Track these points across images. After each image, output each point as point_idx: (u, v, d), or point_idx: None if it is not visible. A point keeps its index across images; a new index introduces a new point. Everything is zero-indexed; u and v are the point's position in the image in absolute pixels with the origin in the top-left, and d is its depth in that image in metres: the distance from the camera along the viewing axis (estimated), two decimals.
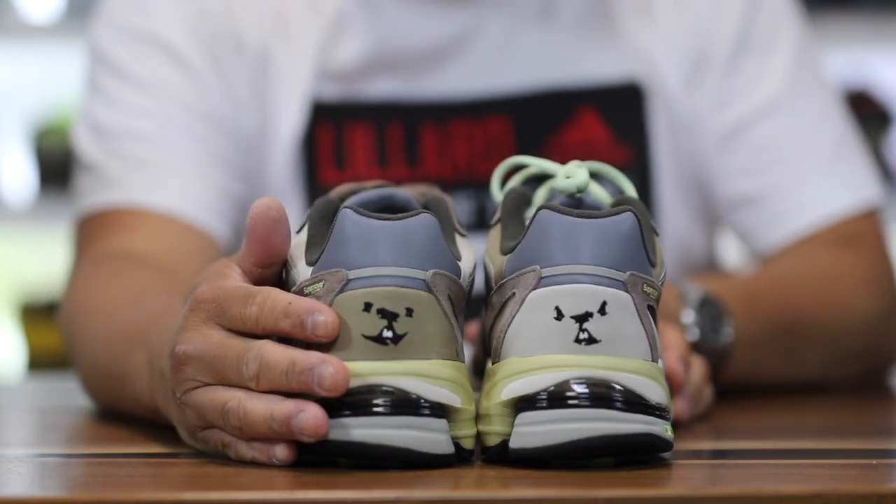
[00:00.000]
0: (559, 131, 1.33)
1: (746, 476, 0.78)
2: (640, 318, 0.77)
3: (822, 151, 1.35)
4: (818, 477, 0.80)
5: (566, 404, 0.75)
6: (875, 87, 3.14)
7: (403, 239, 0.76)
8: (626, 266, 0.77)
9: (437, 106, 1.32)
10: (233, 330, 0.78)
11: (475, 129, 1.32)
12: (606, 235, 0.77)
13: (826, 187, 1.33)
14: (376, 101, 1.32)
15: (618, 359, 0.76)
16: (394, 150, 1.31)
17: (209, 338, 0.78)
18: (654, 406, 0.76)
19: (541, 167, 0.86)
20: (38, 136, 2.73)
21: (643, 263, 0.78)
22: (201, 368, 0.78)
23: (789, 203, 1.33)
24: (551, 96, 1.33)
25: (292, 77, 1.31)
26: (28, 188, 2.77)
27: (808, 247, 1.32)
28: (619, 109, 1.33)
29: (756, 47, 1.36)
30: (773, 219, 1.33)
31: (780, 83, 1.35)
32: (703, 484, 0.77)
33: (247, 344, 0.77)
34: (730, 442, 0.89)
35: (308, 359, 0.74)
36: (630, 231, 0.77)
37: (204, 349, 0.77)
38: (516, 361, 0.77)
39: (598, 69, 1.33)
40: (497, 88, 1.32)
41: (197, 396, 0.78)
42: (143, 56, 1.30)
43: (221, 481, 0.75)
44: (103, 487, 0.75)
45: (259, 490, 0.73)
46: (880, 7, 2.97)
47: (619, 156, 1.33)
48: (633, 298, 0.77)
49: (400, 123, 1.31)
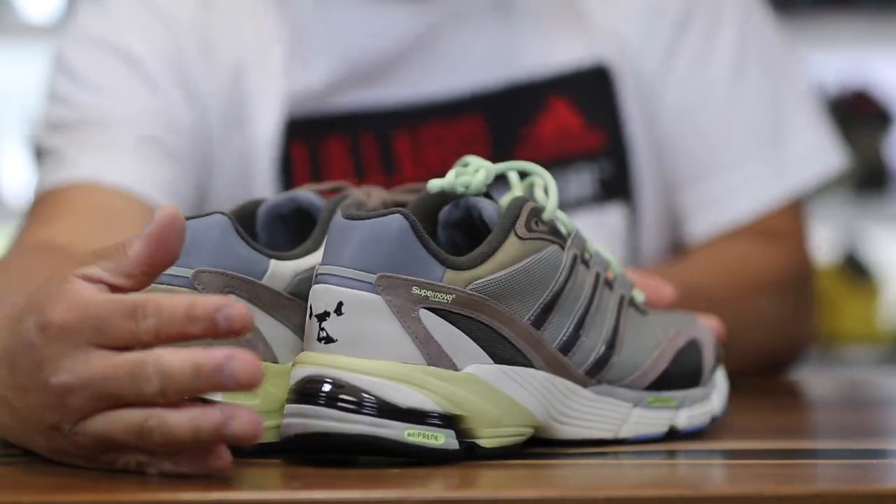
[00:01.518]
0: (531, 123, 1.32)
1: (746, 476, 0.78)
2: (400, 320, 0.77)
3: (757, 138, 1.34)
4: (818, 477, 0.80)
5: (296, 400, 0.77)
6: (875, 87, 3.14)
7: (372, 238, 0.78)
8: (385, 268, 0.77)
9: (407, 111, 1.31)
10: (114, 347, 0.73)
11: (448, 131, 1.31)
12: (369, 237, 0.77)
13: (754, 176, 1.33)
14: (346, 111, 1.31)
15: (354, 359, 0.76)
16: (369, 160, 1.31)
17: (88, 362, 0.72)
18: (399, 409, 0.76)
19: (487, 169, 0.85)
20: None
21: (417, 265, 0.77)
22: (90, 396, 0.72)
23: (718, 190, 1.33)
24: (519, 89, 1.32)
25: (266, 93, 1.31)
26: (28, 188, 2.77)
27: (727, 239, 1.32)
28: (590, 94, 1.33)
29: (697, 28, 1.35)
30: (703, 205, 1.33)
31: (720, 66, 1.35)
32: (704, 484, 0.77)
33: (139, 358, 0.72)
34: (730, 442, 0.89)
35: (213, 358, 0.70)
36: (397, 233, 0.77)
37: (88, 375, 0.72)
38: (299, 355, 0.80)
39: (563, 56, 1.33)
40: (464, 87, 1.32)
41: (97, 423, 0.73)
42: (100, 62, 1.31)
43: (222, 481, 0.75)
44: (103, 487, 0.74)
45: (259, 490, 0.73)
46: (880, 7, 2.97)
47: (594, 141, 1.33)
48: (386, 300, 0.77)
49: (372, 133, 1.31)
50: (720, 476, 0.79)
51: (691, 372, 0.89)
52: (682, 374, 0.89)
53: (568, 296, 0.83)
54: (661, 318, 0.91)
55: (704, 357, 0.91)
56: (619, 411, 0.85)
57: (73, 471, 0.79)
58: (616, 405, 0.85)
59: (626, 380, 0.86)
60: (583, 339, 0.83)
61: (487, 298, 0.79)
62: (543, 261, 0.82)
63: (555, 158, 1.31)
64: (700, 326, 0.93)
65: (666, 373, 0.88)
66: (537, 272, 0.81)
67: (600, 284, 0.85)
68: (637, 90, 1.33)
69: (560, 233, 0.84)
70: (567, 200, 1.32)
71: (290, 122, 1.31)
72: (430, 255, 0.78)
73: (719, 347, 0.94)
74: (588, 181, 1.32)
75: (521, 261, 0.81)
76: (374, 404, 0.76)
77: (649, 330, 0.88)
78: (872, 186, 3.07)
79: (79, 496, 0.72)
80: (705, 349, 0.91)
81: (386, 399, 0.76)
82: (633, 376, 0.86)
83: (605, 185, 1.32)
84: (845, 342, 3.14)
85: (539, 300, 0.81)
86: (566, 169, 1.32)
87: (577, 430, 0.84)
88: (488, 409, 0.79)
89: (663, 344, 0.88)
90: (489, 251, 0.80)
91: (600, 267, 0.86)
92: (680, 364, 0.89)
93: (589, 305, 0.84)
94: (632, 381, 0.86)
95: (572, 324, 0.83)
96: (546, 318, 0.82)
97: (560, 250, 0.83)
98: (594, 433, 0.85)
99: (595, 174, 1.33)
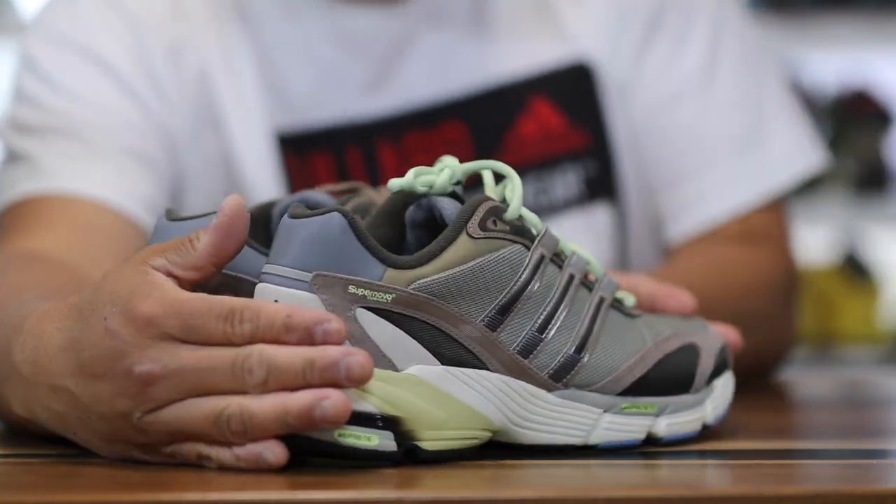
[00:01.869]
0: (514, 125, 1.32)
1: (746, 476, 0.78)
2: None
3: (732, 140, 1.34)
4: (818, 477, 0.80)
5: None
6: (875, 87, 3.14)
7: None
8: (323, 266, 0.77)
9: (389, 121, 1.30)
10: (203, 344, 0.76)
11: (431, 139, 1.31)
12: (308, 236, 0.77)
13: (731, 178, 1.33)
14: (330, 125, 1.31)
15: None
16: (356, 175, 1.30)
17: (176, 354, 0.75)
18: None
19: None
20: None
21: (355, 264, 0.77)
22: (173, 385, 0.75)
23: (694, 193, 1.32)
24: (499, 91, 1.32)
25: (238, 100, 1.30)
26: None
27: (711, 243, 1.31)
28: (571, 92, 1.33)
29: (668, 29, 1.35)
30: (681, 208, 1.33)
31: (694, 65, 1.34)
32: (704, 484, 0.77)
33: (241, 352, 0.75)
34: (730, 442, 0.89)
35: (329, 354, 0.74)
36: (335, 232, 0.77)
37: (175, 366, 0.75)
38: None
39: (542, 57, 1.33)
40: (444, 94, 1.31)
41: (172, 412, 0.76)
42: (71, 65, 1.29)
43: (222, 481, 0.75)
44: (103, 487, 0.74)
45: (259, 490, 0.73)
46: (880, 7, 2.97)
47: (577, 140, 1.32)
48: (322, 299, 0.77)
49: (356, 146, 1.31)
50: (720, 476, 0.79)
51: (680, 378, 0.87)
52: (666, 380, 0.86)
53: (531, 297, 0.81)
54: (655, 321, 0.88)
55: (701, 363, 0.88)
56: (588, 417, 0.83)
57: (73, 471, 0.79)
58: (584, 410, 0.83)
59: (596, 384, 0.83)
60: (547, 341, 0.81)
61: (432, 298, 0.78)
62: (500, 261, 0.80)
63: (540, 159, 1.31)
64: (705, 332, 0.91)
65: (645, 378, 0.85)
66: (492, 272, 0.80)
67: (574, 286, 0.83)
68: (619, 93, 1.33)
69: (525, 232, 0.82)
70: (554, 202, 1.31)
71: (279, 135, 1.30)
72: (370, 254, 0.77)
73: (726, 355, 0.91)
74: (574, 181, 1.32)
75: (471, 260, 0.79)
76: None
77: (633, 333, 0.86)
78: (872, 186, 3.07)
79: (79, 496, 0.72)
80: (703, 355, 0.88)
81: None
82: (605, 381, 0.83)
83: (591, 185, 1.32)
84: (845, 342, 3.14)
85: (495, 301, 0.80)
86: (553, 170, 1.31)
87: (542, 435, 0.82)
88: (431, 410, 0.78)
89: (647, 348, 0.86)
90: (437, 250, 0.79)
91: (577, 268, 0.84)
92: (665, 369, 0.86)
93: (557, 307, 0.82)
94: (603, 386, 0.83)
95: (535, 325, 0.81)
96: (503, 319, 0.80)
97: (524, 250, 0.81)
98: (560, 439, 0.82)
99: (580, 174, 1.32)
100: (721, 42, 1.36)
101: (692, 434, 0.86)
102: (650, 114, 1.33)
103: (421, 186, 0.83)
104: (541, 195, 1.31)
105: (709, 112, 1.34)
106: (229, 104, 1.30)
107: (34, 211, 1.22)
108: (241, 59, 1.31)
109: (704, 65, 1.34)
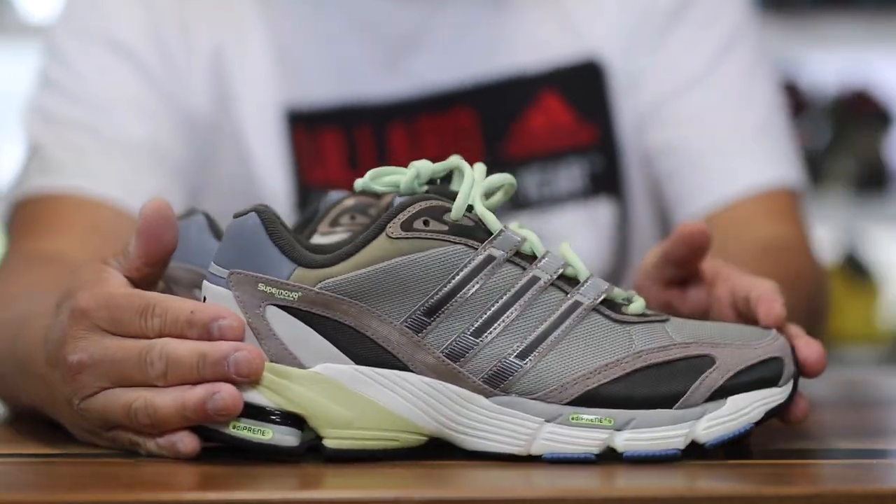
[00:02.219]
0: (523, 117, 1.33)
1: (747, 476, 0.78)
2: (246, 316, 0.79)
3: (745, 129, 1.34)
4: (818, 477, 0.80)
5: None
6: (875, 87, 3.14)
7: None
8: (239, 264, 0.80)
9: (402, 105, 1.32)
10: (128, 336, 0.80)
11: (442, 124, 1.32)
12: (230, 235, 0.81)
13: (748, 161, 1.33)
14: (342, 104, 1.32)
15: None
16: (364, 152, 1.31)
17: (101, 344, 0.80)
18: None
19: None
20: None
21: (267, 262, 0.79)
22: (99, 374, 0.80)
23: (712, 173, 1.32)
24: (511, 83, 1.33)
25: (250, 79, 1.32)
26: None
27: (750, 217, 1.31)
28: (580, 89, 1.34)
29: (691, 22, 1.35)
30: (697, 189, 1.32)
31: (708, 59, 1.35)
32: (703, 484, 0.76)
33: (147, 344, 0.79)
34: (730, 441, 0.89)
35: (220, 349, 0.78)
36: (251, 230, 0.80)
37: (100, 356, 0.80)
38: None
39: (555, 51, 1.34)
40: (458, 80, 1.32)
41: (98, 401, 0.81)
42: (93, 53, 1.31)
43: (222, 481, 0.75)
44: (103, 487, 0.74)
45: (259, 490, 0.73)
46: (880, 7, 2.97)
47: (585, 136, 1.33)
48: (236, 296, 0.80)
49: (368, 125, 1.32)
50: (720, 476, 0.79)
51: (661, 391, 0.80)
52: (638, 392, 0.80)
53: (468, 299, 0.80)
54: (681, 326, 0.83)
55: (709, 376, 0.81)
56: (527, 426, 0.80)
57: (72, 470, 0.79)
58: (522, 419, 0.80)
59: (539, 392, 0.80)
60: (483, 345, 0.80)
61: (343, 298, 0.79)
62: (428, 261, 0.79)
63: (546, 152, 1.32)
64: (754, 343, 0.83)
65: (605, 388, 0.80)
66: (415, 273, 0.79)
67: (537, 288, 0.81)
68: (624, 85, 1.34)
69: (474, 233, 0.81)
70: (557, 195, 1.32)
71: (289, 112, 1.31)
72: (281, 253, 0.79)
73: (776, 370, 0.83)
74: (578, 175, 1.33)
75: (386, 260, 0.79)
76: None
77: (614, 341, 0.81)
78: (872, 186, 3.06)
79: (79, 496, 0.72)
80: (719, 367, 0.81)
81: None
82: (550, 389, 0.80)
83: (595, 180, 1.33)
84: (845, 342, 3.14)
85: (419, 302, 0.79)
86: (557, 163, 1.32)
87: (481, 442, 0.80)
88: (336, 409, 0.79)
89: (623, 357, 0.81)
90: (352, 250, 0.79)
91: (547, 270, 0.81)
92: (640, 381, 0.80)
93: (505, 310, 0.80)
94: (548, 395, 0.80)
95: (470, 329, 0.80)
96: (430, 321, 0.79)
97: (466, 250, 0.80)
98: (500, 447, 0.80)
99: (585, 169, 1.33)
100: (740, 38, 1.36)
101: (663, 453, 0.80)
102: (661, 101, 1.34)
103: (384, 187, 0.83)
104: (544, 187, 1.32)
105: (723, 100, 1.34)
106: (240, 80, 1.32)
107: (47, 210, 1.25)
108: (253, 37, 1.32)
109: (721, 55, 1.35)
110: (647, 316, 0.83)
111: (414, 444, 0.80)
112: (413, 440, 0.80)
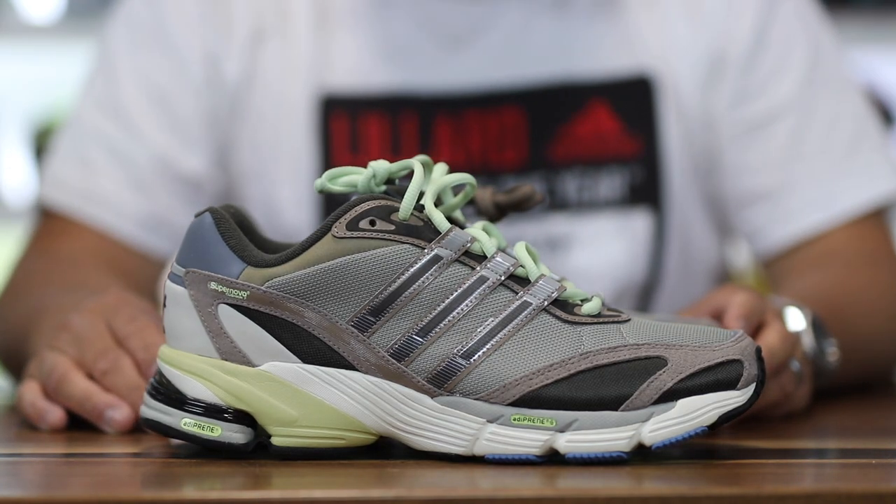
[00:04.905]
0: (570, 122, 1.34)
1: (747, 476, 0.78)
2: (199, 314, 0.81)
3: (835, 151, 1.35)
4: (818, 477, 0.80)
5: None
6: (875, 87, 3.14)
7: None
8: (194, 263, 0.82)
9: (451, 98, 1.33)
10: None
11: (489, 119, 1.33)
12: (188, 234, 0.83)
13: (836, 188, 1.33)
14: (389, 93, 1.33)
15: (171, 350, 0.83)
16: (407, 139, 1.33)
17: (95, 326, 0.95)
18: (184, 399, 0.81)
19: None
20: (37, 136, 2.72)
21: (218, 261, 0.81)
22: (70, 341, 0.95)
23: (798, 201, 1.33)
24: (563, 88, 1.34)
25: (289, 63, 1.33)
26: (27, 188, 2.77)
27: (828, 260, 1.31)
28: (630, 102, 1.35)
29: (773, 46, 1.36)
30: (782, 217, 1.33)
31: (795, 82, 1.35)
32: (703, 484, 0.76)
33: (106, 348, 0.94)
34: (730, 442, 0.89)
35: (102, 400, 0.92)
36: (205, 230, 0.82)
37: (82, 331, 0.95)
38: None
39: (609, 62, 1.35)
40: (510, 80, 1.34)
41: (50, 354, 0.95)
42: (141, 49, 1.34)
43: (222, 481, 0.75)
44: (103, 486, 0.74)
45: (259, 490, 0.73)
46: (880, 7, 2.97)
47: (629, 147, 1.34)
48: (190, 294, 0.81)
49: (415, 115, 1.33)
50: (720, 476, 0.79)
51: (607, 393, 0.79)
52: (582, 393, 0.79)
53: (415, 298, 0.79)
54: (643, 327, 0.81)
55: (657, 378, 0.79)
56: (470, 426, 0.80)
57: (73, 470, 0.79)
58: (464, 419, 0.80)
59: (483, 393, 0.79)
60: (429, 344, 0.79)
61: (289, 297, 0.80)
62: (374, 261, 0.79)
63: (589, 158, 1.33)
64: (713, 344, 0.81)
65: (548, 389, 0.79)
66: (361, 272, 0.79)
67: (486, 287, 0.80)
68: (677, 104, 1.34)
69: (418, 233, 0.80)
70: (595, 200, 1.33)
71: (328, 96, 1.33)
72: (231, 252, 0.81)
73: (734, 373, 0.80)
74: (618, 184, 1.34)
75: (331, 260, 0.79)
76: (166, 393, 0.82)
77: (563, 341, 0.80)
78: None
79: (79, 496, 0.72)
80: (671, 370, 0.79)
81: (178, 389, 0.81)
82: (493, 390, 0.79)
83: (635, 191, 1.34)
84: None
85: (365, 301, 0.79)
86: (599, 170, 1.34)
87: (426, 441, 0.80)
88: (282, 407, 0.80)
89: (569, 358, 0.79)
90: (298, 250, 0.80)
91: (496, 270, 0.80)
92: (586, 383, 0.79)
93: (452, 309, 0.79)
94: (491, 395, 0.79)
95: (416, 328, 0.79)
96: (376, 320, 0.79)
97: (413, 250, 0.80)
98: (444, 447, 0.80)
99: (626, 178, 1.35)
100: (820, 53, 1.37)
101: (607, 455, 0.79)
102: (749, 128, 1.34)
103: (342, 187, 0.83)
104: (584, 191, 1.34)
105: (812, 123, 1.35)
106: (274, 64, 1.33)
107: (59, 224, 1.32)
108: (295, 21, 1.33)
109: (806, 76, 1.35)
110: (602, 317, 0.82)
111: (361, 444, 0.81)
112: (360, 439, 0.81)
